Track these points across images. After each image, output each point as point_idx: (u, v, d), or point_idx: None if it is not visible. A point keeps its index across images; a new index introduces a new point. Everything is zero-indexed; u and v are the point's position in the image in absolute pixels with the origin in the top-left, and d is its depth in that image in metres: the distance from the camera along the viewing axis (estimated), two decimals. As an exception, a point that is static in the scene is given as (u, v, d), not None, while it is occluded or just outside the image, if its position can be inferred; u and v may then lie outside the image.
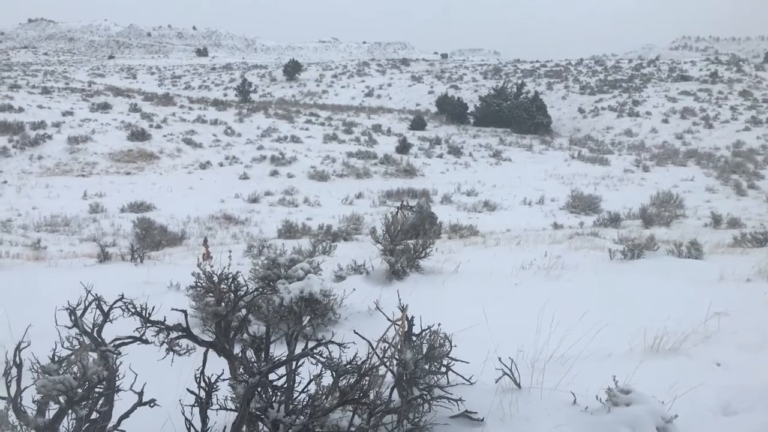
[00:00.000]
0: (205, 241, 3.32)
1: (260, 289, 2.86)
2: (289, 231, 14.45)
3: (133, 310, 2.29)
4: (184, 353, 2.43)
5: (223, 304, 2.44)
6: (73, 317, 2.30)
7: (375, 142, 33.12)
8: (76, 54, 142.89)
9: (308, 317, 3.53)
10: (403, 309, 2.87)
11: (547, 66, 73.43)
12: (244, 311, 2.45)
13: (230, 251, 3.50)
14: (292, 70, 74.38)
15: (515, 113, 42.37)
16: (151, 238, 12.94)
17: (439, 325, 2.90)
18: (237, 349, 2.63)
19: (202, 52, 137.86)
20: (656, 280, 6.28)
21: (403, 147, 30.96)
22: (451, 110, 46.02)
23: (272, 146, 29.97)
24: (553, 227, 16.01)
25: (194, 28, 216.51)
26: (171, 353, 2.42)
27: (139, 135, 28.09)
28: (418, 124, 40.17)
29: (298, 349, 2.47)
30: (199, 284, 2.80)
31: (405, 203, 13.82)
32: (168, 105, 38.84)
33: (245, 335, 2.57)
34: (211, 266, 2.88)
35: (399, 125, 40.95)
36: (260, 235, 15.10)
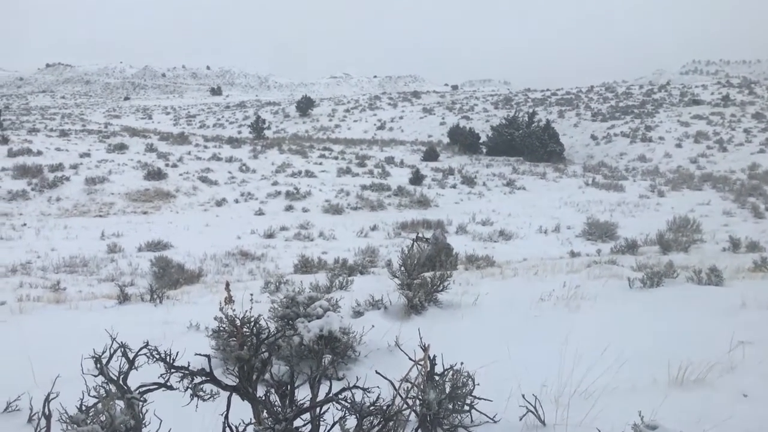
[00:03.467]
0: (227, 285, 3.34)
1: (281, 332, 2.87)
2: (305, 266, 14.47)
3: (157, 357, 2.31)
4: (208, 398, 2.44)
5: (245, 347, 2.45)
6: (99, 365, 2.32)
7: (388, 175, 33.31)
8: (92, 96, 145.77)
9: (329, 356, 3.53)
10: (425, 348, 2.87)
11: (558, 94, 73.80)
12: (266, 354, 2.46)
13: (251, 294, 3.52)
14: (305, 105, 75.36)
15: (528, 142, 42.49)
16: (169, 277, 13.02)
17: (461, 363, 2.89)
18: (260, 392, 2.64)
19: (216, 91, 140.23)
20: (677, 309, 6.21)
21: (417, 178, 31.10)
22: (463, 140, 46.24)
23: (287, 181, 30.23)
24: (570, 255, 15.93)
25: (208, 67, 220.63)
26: (195, 398, 2.43)
27: (156, 174, 28.46)
28: (430, 155, 40.39)
29: (321, 390, 2.48)
30: (222, 328, 2.82)
31: (420, 235, 13.86)
32: (183, 144, 39.38)
33: (268, 377, 2.57)
34: (233, 309, 2.90)
35: (412, 157, 41.20)
36: (277, 271, 15.15)
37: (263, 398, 2.45)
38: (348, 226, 22.33)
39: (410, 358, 2.96)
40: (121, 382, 2.32)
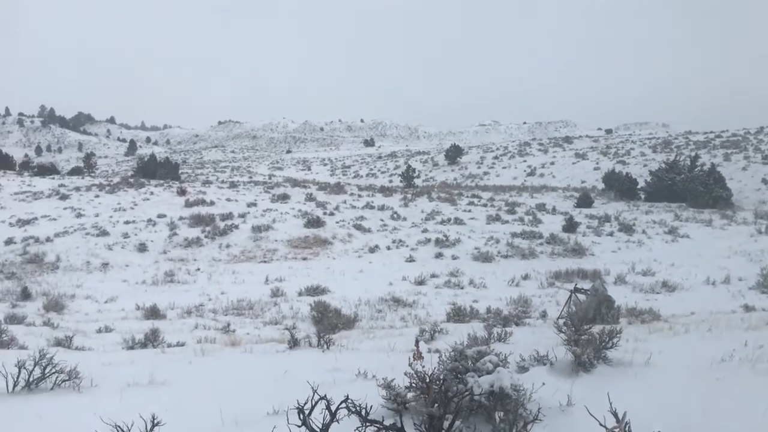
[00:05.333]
0: (417, 342, 3.43)
1: (468, 391, 2.88)
2: (457, 314, 14.42)
3: (353, 410, 2.41)
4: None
5: (436, 405, 2.49)
6: (301, 416, 2.45)
7: (540, 222, 32.53)
8: (258, 150, 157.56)
9: (500, 414, 3.46)
10: (617, 416, 2.72)
11: (723, 136, 68.65)
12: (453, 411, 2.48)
13: (438, 351, 3.57)
14: (454, 154, 76.27)
15: (690, 187, 39.75)
16: (328, 321, 13.51)
17: None
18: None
19: (369, 143, 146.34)
20: None
21: (570, 225, 30.07)
22: (619, 186, 44.22)
23: (436, 229, 30.51)
24: (744, 309, 14.45)
25: (362, 120, 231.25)
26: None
27: (315, 222, 30.01)
28: (584, 201, 38.98)
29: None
30: (413, 384, 2.89)
31: (577, 285, 13.29)
32: (339, 193, 41.26)
33: None
34: (423, 366, 2.97)
35: (564, 203, 40.00)
36: (428, 318, 15.19)
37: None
38: (498, 274, 21.97)
39: (601, 424, 2.82)
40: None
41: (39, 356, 5.70)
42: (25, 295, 17.94)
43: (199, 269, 23.38)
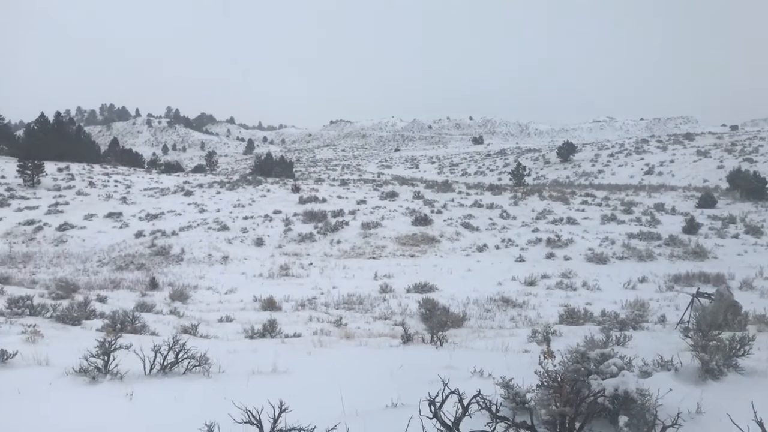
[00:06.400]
0: (548, 340, 3.42)
1: (601, 392, 2.84)
2: (570, 316, 14.04)
3: (483, 406, 2.44)
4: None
5: (567, 406, 2.48)
6: (432, 408, 2.52)
7: (658, 222, 30.97)
8: (367, 149, 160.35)
9: (624, 418, 3.36)
10: (762, 425, 2.56)
11: None
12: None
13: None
14: (566, 151, 74.14)
15: (832, 187, 36.40)
16: (436, 319, 13.56)
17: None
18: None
19: (477, 140, 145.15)
20: None
21: (691, 226, 28.40)
22: (746, 185, 41.19)
23: (547, 228, 29.81)
24: None
25: (471, 118, 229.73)
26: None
27: (422, 220, 30.18)
28: (706, 201, 36.67)
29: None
30: (544, 383, 2.90)
31: (700, 290, 12.52)
32: (447, 191, 41.22)
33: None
34: (554, 366, 2.96)
35: (684, 204, 37.84)
36: (539, 319, 14.89)
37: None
38: (613, 276, 21.14)
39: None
40: (454, 427, 2.47)
41: (173, 342, 6.15)
42: (153, 285, 19.28)
43: (311, 264, 24.16)
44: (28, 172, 44.85)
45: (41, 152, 49.64)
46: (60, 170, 51.11)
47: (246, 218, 32.59)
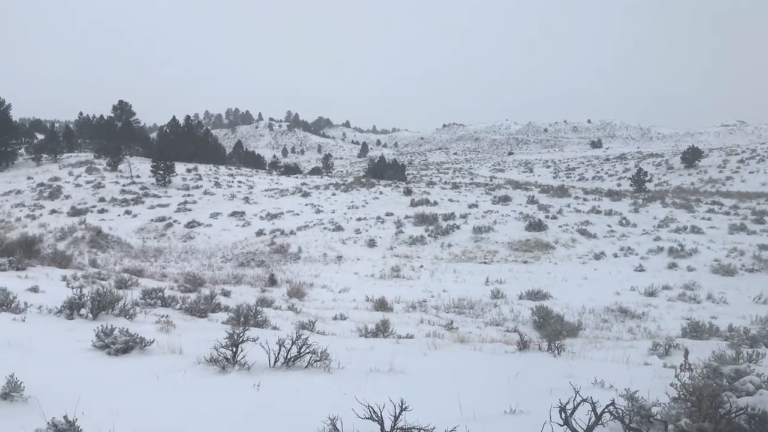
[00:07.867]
0: (687, 352, 3.33)
1: (743, 409, 2.72)
2: (694, 330, 13.25)
3: (616, 415, 2.43)
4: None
5: (707, 421, 2.41)
6: (563, 416, 2.53)
7: (798, 235, 28.54)
8: (480, 152, 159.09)
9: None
10: None
11: None
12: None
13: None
14: (691, 156, 70.04)
15: None
16: (550, 327, 13.25)
17: None
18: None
19: (596, 144, 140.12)
20: None
21: (838, 241, 25.95)
22: None
23: (670, 237, 28.30)
24: None
25: (589, 121, 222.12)
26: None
27: (536, 226, 29.55)
28: None
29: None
30: (682, 395, 2.81)
31: None
32: (563, 196, 40.09)
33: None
34: (691, 379, 2.87)
35: (830, 215, 34.59)
36: (659, 332, 14.20)
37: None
38: (742, 289, 19.76)
39: None
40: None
41: (296, 336, 6.45)
42: (272, 281, 20.17)
43: (422, 266, 24.31)
44: (161, 172, 48.32)
45: (172, 154, 53.38)
46: (189, 171, 54.61)
47: (359, 219, 33.32)
